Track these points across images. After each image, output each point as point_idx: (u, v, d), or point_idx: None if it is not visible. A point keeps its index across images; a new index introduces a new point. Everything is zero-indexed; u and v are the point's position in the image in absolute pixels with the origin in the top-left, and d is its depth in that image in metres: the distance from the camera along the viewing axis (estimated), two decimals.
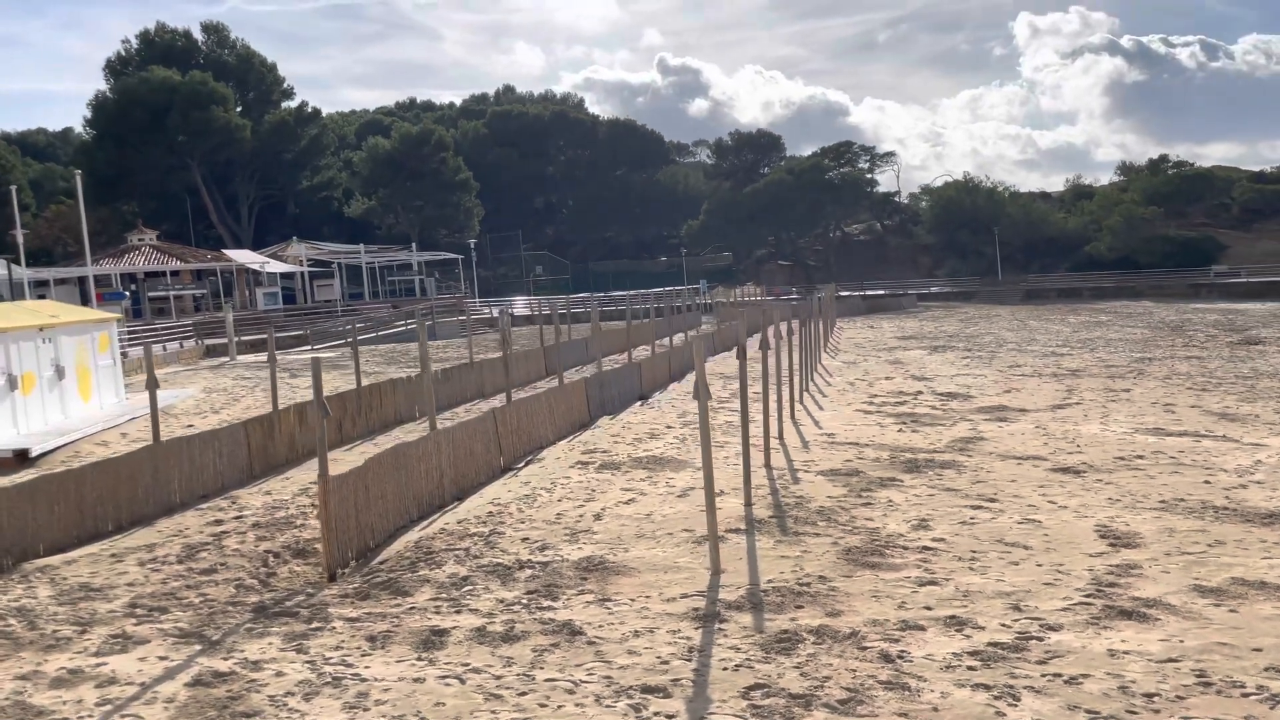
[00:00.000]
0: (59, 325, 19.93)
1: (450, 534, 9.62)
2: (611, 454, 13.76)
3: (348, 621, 7.36)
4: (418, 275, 60.70)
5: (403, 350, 37.26)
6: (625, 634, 6.79)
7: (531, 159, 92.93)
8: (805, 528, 9.52)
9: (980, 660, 6.11)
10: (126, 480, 11.35)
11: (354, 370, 29.51)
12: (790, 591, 7.56)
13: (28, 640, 7.36)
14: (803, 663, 6.16)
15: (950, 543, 8.89)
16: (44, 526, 10.20)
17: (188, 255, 52.54)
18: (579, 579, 8.12)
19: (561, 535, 9.47)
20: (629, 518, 10.09)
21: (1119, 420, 16.68)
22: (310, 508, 11.43)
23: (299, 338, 42.34)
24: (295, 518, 11.00)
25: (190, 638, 7.22)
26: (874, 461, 13.11)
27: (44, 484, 10.34)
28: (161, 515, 11.69)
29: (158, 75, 66.88)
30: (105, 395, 21.80)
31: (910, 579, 7.83)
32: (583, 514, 10.25)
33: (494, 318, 52.13)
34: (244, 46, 77.62)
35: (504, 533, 9.57)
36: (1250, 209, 77.10)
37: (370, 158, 73.92)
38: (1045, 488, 11.25)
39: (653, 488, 11.53)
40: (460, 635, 6.90)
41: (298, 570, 9.26)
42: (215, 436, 13.00)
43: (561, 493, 11.26)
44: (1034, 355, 29.92)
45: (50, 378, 19.34)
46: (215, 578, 8.97)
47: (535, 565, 8.51)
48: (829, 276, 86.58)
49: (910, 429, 16.11)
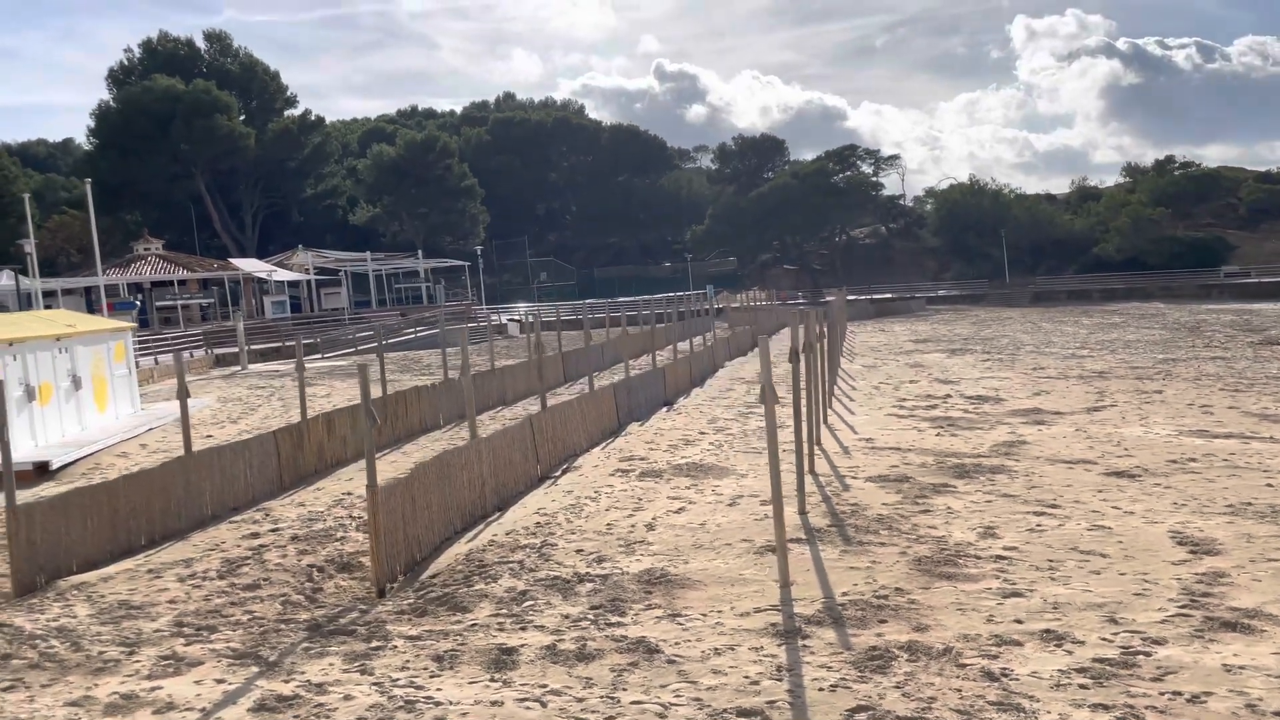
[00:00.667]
0: (75, 335, 19.61)
1: (501, 546, 9.29)
2: (650, 461, 13.43)
3: (409, 640, 7.03)
4: (424, 283, 60.40)
5: (414, 359, 36.93)
6: (705, 651, 6.46)
7: (534, 165, 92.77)
8: (868, 537, 9.19)
9: (1090, 678, 5.78)
10: (159, 493, 11.03)
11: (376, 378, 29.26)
12: (869, 605, 7.24)
13: (74, 663, 7.03)
14: (902, 682, 5.83)
15: (1023, 551, 8.56)
16: (77, 542, 9.88)
17: (194, 264, 52.26)
18: (643, 593, 7.79)
19: (616, 546, 9.14)
20: (682, 528, 9.76)
21: (1158, 422, 16.36)
22: (348, 520, 11.11)
23: (309, 346, 42.02)
24: (334, 530, 10.66)
25: (246, 658, 6.89)
26: (920, 467, 12.78)
27: (76, 497, 10.01)
28: (194, 528, 11.37)
29: (161, 84, 66.71)
30: (121, 405, 21.48)
31: (992, 590, 7.50)
32: (634, 524, 9.92)
33: (503, 324, 51.85)
34: (247, 55, 77.55)
35: (556, 544, 9.24)
36: (1258, 209, 76.90)
37: (375, 165, 73.72)
38: (1104, 492, 10.92)
39: (700, 496, 11.20)
40: (531, 654, 6.57)
41: (344, 585, 8.93)
42: (246, 447, 12.68)
43: (608, 502, 10.93)
44: (1055, 357, 29.62)
45: (67, 388, 19.02)
46: (260, 594, 8.64)
47: (595, 578, 8.18)
48: (835, 281, 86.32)
49: (948, 433, 15.79)
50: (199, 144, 65.83)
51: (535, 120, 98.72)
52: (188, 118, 65.33)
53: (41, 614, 8.34)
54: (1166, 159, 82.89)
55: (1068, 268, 76.55)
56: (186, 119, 65.36)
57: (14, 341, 17.23)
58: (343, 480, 13.71)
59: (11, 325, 18.15)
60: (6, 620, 8.15)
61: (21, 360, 17.47)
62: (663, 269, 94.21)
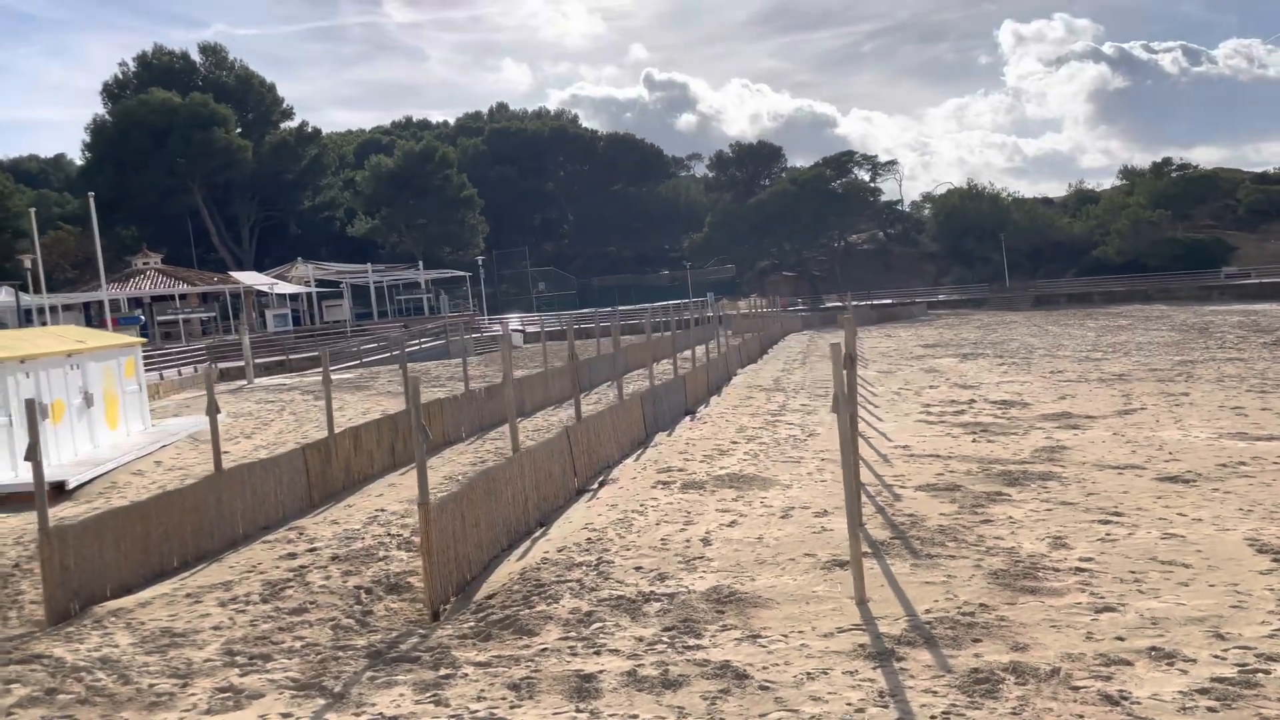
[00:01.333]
0: (87, 351, 19.24)
1: (555, 564, 8.95)
2: (688, 472, 13.11)
3: (479, 667, 6.69)
4: (425, 294, 60.01)
5: (421, 370, 36.56)
6: (797, 676, 6.14)
7: (531, 175, 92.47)
8: (935, 549, 8.88)
9: (1217, 700, 5.47)
10: (191, 513, 10.68)
11: (377, 392, 28.88)
12: (957, 623, 6.92)
13: (125, 697, 6.68)
14: (1017, 708, 5.51)
15: (1101, 562, 8.26)
16: (110, 565, 9.53)
17: (194, 278, 51.82)
18: (715, 612, 7.47)
19: (675, 563, 8.82)
20: (739, 542, 9.44)
21: (1193, 425, 16.08)
22: (387, 538, 10.76)
23: (313, 359, 41.59)
24: (375, 549, 10.31)
25: (309, 689, 6.55)
26: (967, 474, 12.49)
27: (110, 520, 9.66)
28: (226, 549, 11.02)
29: (157, 97, 66.32)
30: (132, 422, 21.10)
31: (1082, 605, 7.19)
32: (689, 539, 9.60)
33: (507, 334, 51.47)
34: (243, 67, 77.19)
35: (613, 561, 8.91)
36: (1256, 210, 76.92)
37: (373, 176, 73.35)
38: (1164, 499, 10.63)
39: (749, 508, 10.88)
40: (612, 681, 6.24)
41: (395, 607, 8.59)
42: (276, 464, 12.33)
43: (656, 516, 10.61)
44: (1069, 360, 29.37)
45: (79, 405, 18.64)
46: (308, 618, 8.29)
47: (661, 597, 7.86)
48: (834, 287, 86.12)
49: (984, 439, 15.51)
50: (196, 157, 65.39)
51: (531, 130, 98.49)
52: (185, 131, 64.92)
53: (81, 643, 7.99)
54: (1164, 161, 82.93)
55: (1067, 271, 76.44)
56: (184, 132, 64.96)
57: (26, 359, 16.87)
58: (373, 496, 13.37)
59: (22, 342, 17.78)
60: (45, 651, 7.80)
61: (34, 378, 17.09)
62: (661, 277, 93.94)
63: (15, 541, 12.27)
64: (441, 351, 43.17)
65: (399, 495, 13.31)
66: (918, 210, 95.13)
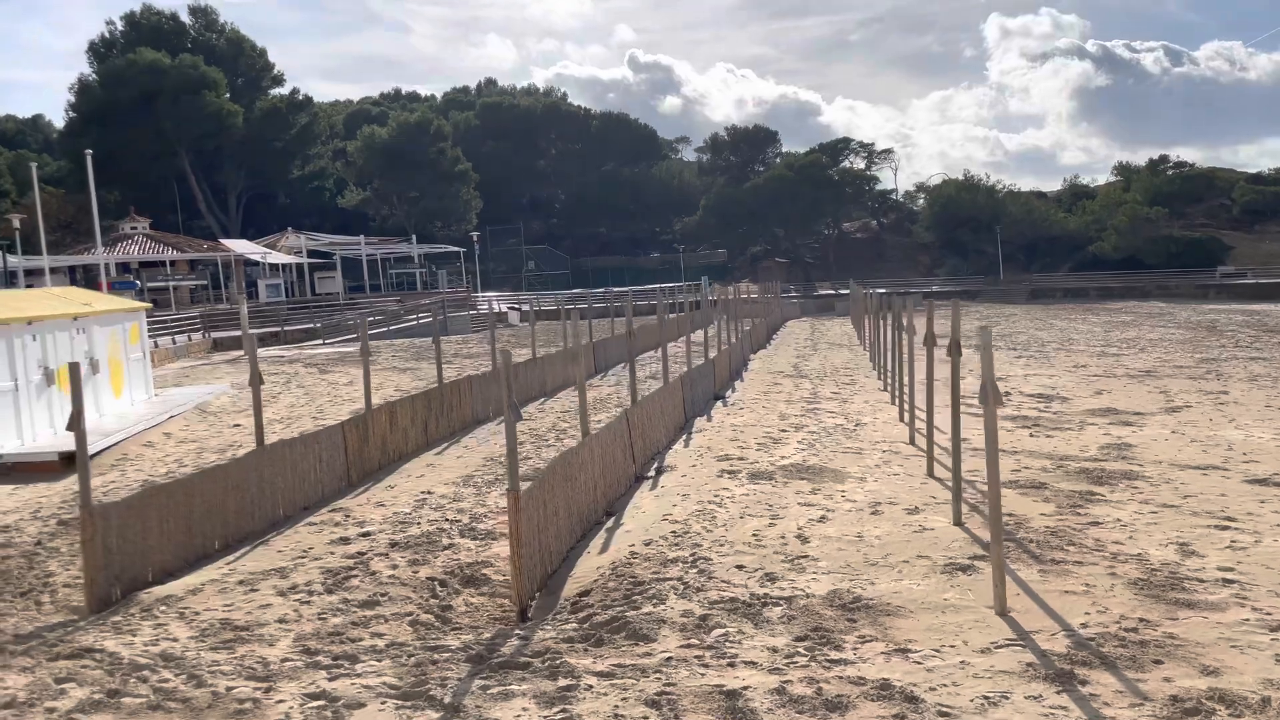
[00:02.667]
0: (92, 315, 18.31)
1: (646, 559, 8.25)
2: (749, 461, 12.43)
3: (601, 678, 5.98)
4: (419, 268, 58.94)
5: (423, 346, 35.67)
6: (976, 701, 5.47)
7: (523, 152, 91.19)
8: (1056, 554, 8.24)
9: None
10: (235, 490, 9.89)
11: (383, 366, 27.97)
12: (1125, 640, 6.27)
13: (203, 703, 5.92)
14: None
15: (1244, 572, 7.65)
16: (153, 546, 8.74)
17: (183, 244, 50.58)
18: (845, 620, 6.79)
19: (778, 561, 8.13)
20: (838, 539, 8.76)
21: (1249, 424, 15.57)
22: (445, 524, 10.01)
23: (309, 331, 40.65)
24: (435, 536, 9.56)
25: (414, 699, 5.81)
26: (1043, 471, 11.90)
27: (154, 497, 8.86)
28: (268, 530, 10.25)
29: (146, 57, 64.63)
30: (136, 391, 20.20)
31: (1251, 622, 6.57)
32: (782, 535, 8.92)
33: (503, 312, 50.60)
34: (233, 30, 75.48)
35: (709, 558, 8.21)
36: (1251, 210, 76.94)
37: (365, 147, 71.93)
38: (1268, 503, 10.05)
39: (831, 502, 10.22)
40: (764, 700, 5.55)
41: (474, 602, 7.87)
42: (316, 440, 11.54)
43: (736, 508, 9.91)
44: (1085, 355, 28.92)
45: (85, 372, 17.70)
46: (381, 612, 7.56)
47: (778, 601, 7.17)
48: (827, 274, 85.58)
49: (1041, 433, 14.94)
50: (186, 121, 63.81)
51: (524, 106, 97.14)
52: (174, 93, 63.32)
53: (134, 636, 7.22)
54: (1160, 158, 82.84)
55: (1062, 265, 76.25)
56: (173, 95, 63.36)
57: (32, 320, 15.95)
58: (413, 477, 12.60)
59: (26, 302, 16.84)
60: (95, 644, 7.03)
61: (40, 341, 16.18)
62: (651, 260, 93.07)
63: (33, 515, 11.44)
64: (440, 327, 42.20)
65: (441, 476, 12.56)
66: (910, 200, 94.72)
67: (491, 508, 10.64)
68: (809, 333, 43.23)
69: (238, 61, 73.87)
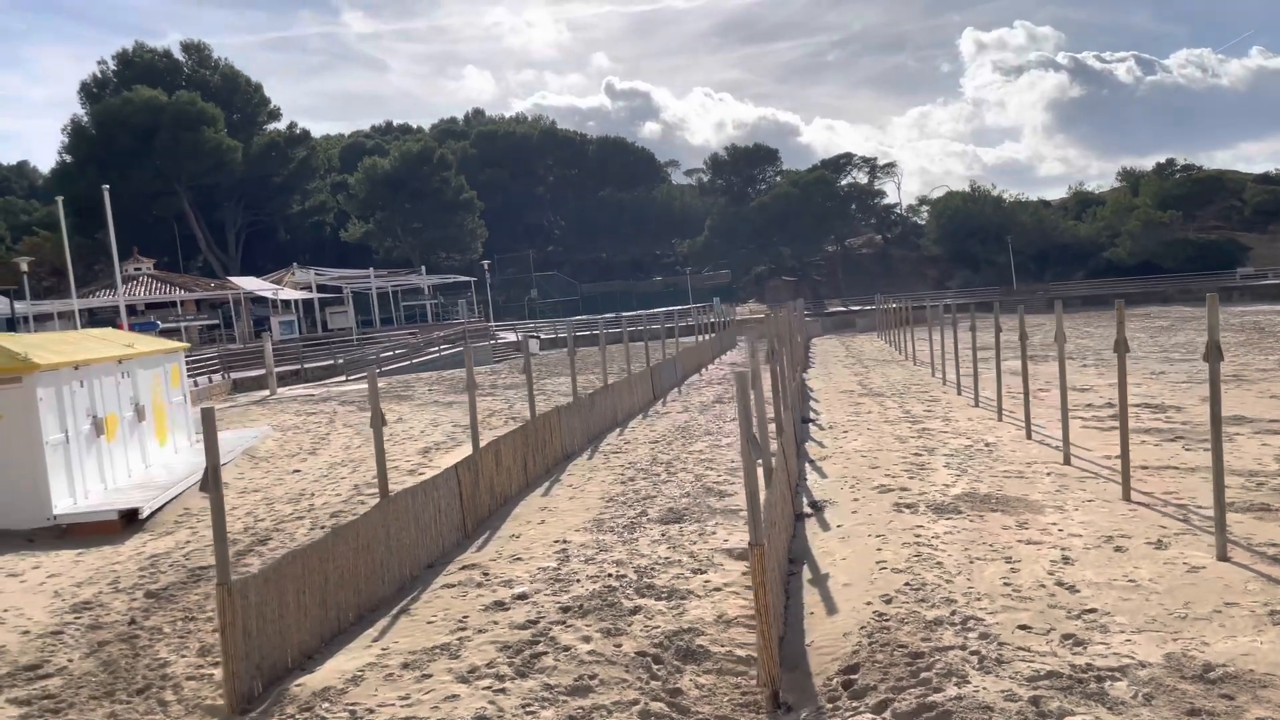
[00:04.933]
0: (136, 357, 16.85)
1: (902, 622, 6.83)
2: (916, 492, 11.05)
3: None
4: (430, 299, 57.51)
5: (452, 379, 34.23)
6: None
7: (521, 179, 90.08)
8: None
9: None
10: (364, 551, 8.47)
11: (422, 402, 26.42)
12: None
13: None
14: None
15: None
16: (291, 626, 7.31)
17: (190, 284, 49.07)
18: (1219, 698, 5.41)
19: (1063, 618, 6.74)
20: (1109, 586, 7.37)
21: None
22: (615, 581, 8.58)
23: (328, 369, 39.17)
24: (608, 595, 8.13)
25: None
26: (1245, 489, 10.55)
27: (290, 566, 7.42)
28: (398, 594, 8.82)
29: (143, 95, 63.26)
30: (179, 437, 18.70)
31: None
32: (1040, 582, 7.52)
33: (518, 341, 49.19)
34: (228, 66, 74.18)
35: (979, 617, 6.81)
36: (1263, 211, 76.27)
37: (367, 178, 70.58)
38: None
39: (1049, 536, 8.84)
40: None
41: (704, 683, 6.45)
42: (434, 486, 10.11)
43: (956, 551, 8.51)
44: (1154, 361, 27.70)
45: (130, 419, 16.26)
46: (599, 701, 6.14)
47: (1112, 673, 5.78)
48: (836, 292, 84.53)
49: (1197, 446, 13.59)
50: (184, 158, 62.34)
51: (520, 133, 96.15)
52: (173, 130, 61.89)
53: None
54: (1167, 162, 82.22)
55: (1075, 273, 75.35)
56: (171, 132, 61.92)
57: (79, 365, 14.49)
58: (533, 524, 11.16)
59: (70, 345, 15.37)
60: None
61: (88, 387, 14.72)
62: (654, 283, 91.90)
63: (113, 588, 9.97)
64: (460, 359, 40.79)
65: (566, 521, 11.13)
66: (913, 213, 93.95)
67: (654, 558, 9.22)
68: (843, 350, 41.91)
69: (233, 98, 72.54)
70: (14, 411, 13.01)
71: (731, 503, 11.39)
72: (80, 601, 9.45)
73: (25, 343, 14.03)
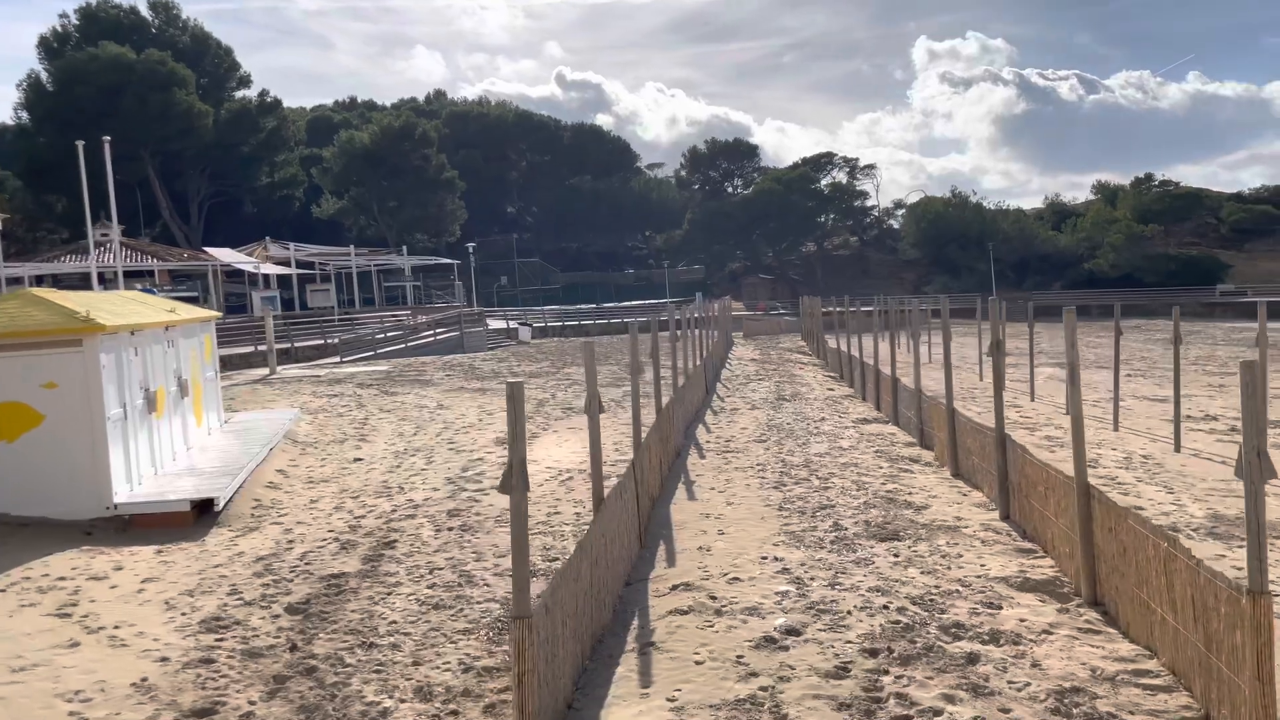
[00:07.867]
0: (180, 325, 14.93)
1: None
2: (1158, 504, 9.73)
3: None
4: (411, 281, 55.32)
5: (458, 364, 32.43)
6: None
7: (494, 163, 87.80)
8: None
9: None
10: (594, 569, 6.87)
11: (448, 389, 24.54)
12: None
13: None
14: None
15: None
16: (563, 657, 5.73)
17: (162, 253, 46.38)
18: None
19: None
20: None
21: None
22: (898, 614, 7.09)
23: (318, 348, 37.03)
24: (904, 632, 6.63)
25: None
26: None
27: (561, 588, 5.79)
28: (613, 621, 7.25)
29: (109, 52, 59.87)
30: (210, 417, 16.79)
31: None
32: None
33: (512, 329, 47.35)
34: (198, 27, 70.92)
35: None
36: (1240, 229, 77.09)
37: (343, 153, 67.86)
38: None
39: None
40: None
41: None
42: (623, 490, 8.52)
43: None
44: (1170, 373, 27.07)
45: (175, 394, 14.36)
46: None
47: None
48: (813, 291, 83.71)
49: None
50: (152, 121, 59.10)
51: (494, 116, 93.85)
52: (141, 91, 58.67)
53: None
54: (1145, 177, 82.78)
55: (1053, 283, 75.47)
56: (139, 92, 58.70)
57: (135, 330, 12.59)
58: (709, 533, 9.61)
59: (122, 308, 13.42)
60: None
61: (140, 355, 12.83)
62: (625, 276, 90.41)
63: (237, 599, 8.23)
64: (455, 344, 38.84)
65: (748, 533, 9.58)
66: (888, 216, 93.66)
67: (920, 586, 7.74)
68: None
69: (202, 61, 69.17)
70: (71, 381, 11.09)
71: (931, 515, 9.98)
72: (209, 617, 7.71)
73: (79, 301, 12.07)
